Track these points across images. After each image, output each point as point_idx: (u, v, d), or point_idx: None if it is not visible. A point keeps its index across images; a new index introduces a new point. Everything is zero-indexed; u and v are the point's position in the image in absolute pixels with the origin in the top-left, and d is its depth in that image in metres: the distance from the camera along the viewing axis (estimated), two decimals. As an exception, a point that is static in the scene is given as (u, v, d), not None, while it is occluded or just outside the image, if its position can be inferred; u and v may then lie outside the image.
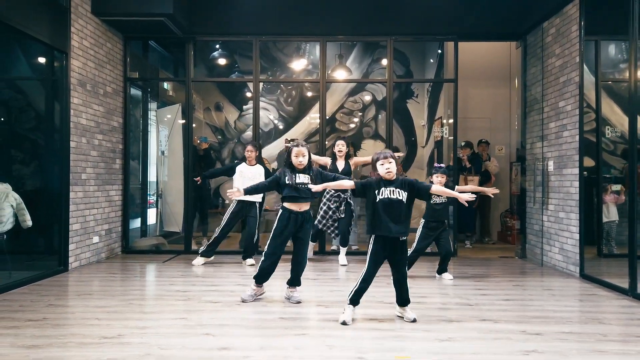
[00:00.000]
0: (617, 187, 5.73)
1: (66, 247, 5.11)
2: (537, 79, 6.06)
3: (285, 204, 3.83)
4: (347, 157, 5.66)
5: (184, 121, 6.75)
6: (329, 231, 5.64)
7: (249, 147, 5.65)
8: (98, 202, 5.74)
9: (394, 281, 3.42)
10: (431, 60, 8.87)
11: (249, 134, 8.62)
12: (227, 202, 8.91)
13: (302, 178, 3.79)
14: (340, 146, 5.59)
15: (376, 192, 3.30)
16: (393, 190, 3.28)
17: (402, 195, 3.29)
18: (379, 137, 8.84)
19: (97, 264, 5.56)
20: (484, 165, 7.50)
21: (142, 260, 5.88)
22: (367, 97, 9.08)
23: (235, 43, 8.56)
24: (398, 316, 3.47)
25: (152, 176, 7.33)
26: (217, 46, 8.64)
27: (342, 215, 5.52)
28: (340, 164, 5.58)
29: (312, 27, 6.43)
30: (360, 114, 9.08)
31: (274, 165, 8.27)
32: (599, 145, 5.59)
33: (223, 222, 5.54)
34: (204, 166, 7.04)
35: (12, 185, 4.58)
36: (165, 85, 7.93)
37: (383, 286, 4.51)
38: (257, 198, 5.60)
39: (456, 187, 4.77)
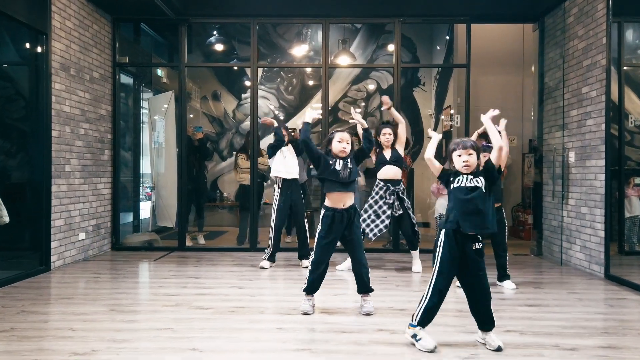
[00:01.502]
0: None
1: (48, 245, 4.72)
2: (556, 64, 5.62)
3: (327, 202, 3.39)
4: (393, 144, 4.90)
5: (171, 106, 6.33)
6: (367, 229, 4.66)
7: (283, 132, 5.12)
8: (84, 196, 5.34)
9: (467, 298, 2.78)
10: (438, 47, 8.42)
11: (247, 123, 8.20)
12: (225, 194, 8.53)
13: (338, 165, 3.37)
14: (387, 135, 4.83)
15: (453, 176, 2.75)
16: (471, 179, 2.71)
17: (481, 182, 2.71)
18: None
19: (83, 263, 5.17)
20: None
21: (132, 258, 5.49)
22: (372, 86, 8.65)
23: (234, 28, 8.12)
24: (480, 342, 2.83)
25: (144, 168, 6.93)
26: (215, 32, 8.20)
27: (400, 212, 4.72)
28: (387, 153, 4.82)
29: (314, 8, 5.98)
30: (364, 103, 8.66)
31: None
32: (622, 136, 5.19)
33: (276, 217, 4.93)
34: (200, 157, 6.64)
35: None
36: (159, 72, 7.50)
37: (392, 289, 4.14)
38: (295, 174, 5.02)
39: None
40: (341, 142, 3.39)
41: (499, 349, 2.71)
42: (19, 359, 2.54)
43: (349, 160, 3.42)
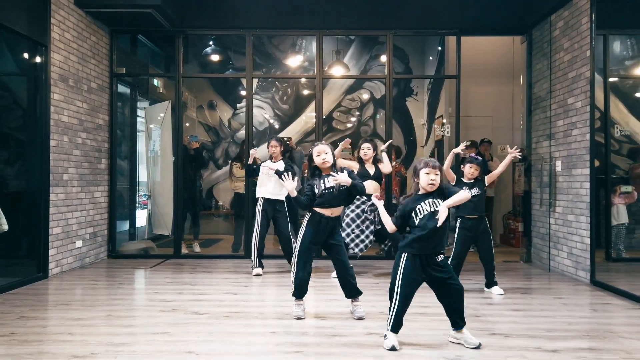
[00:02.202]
0: (627, 188, 5.48)
1: (46, 252, 4.80)
2: (543, 75, 5.79)
3: (316, 208, 3.49)
4: (376, 160, 5.02)
5: (167, 116, 6.44)
6: (352, 244, 4.86)
7: (273, 142, 5.19)
8: (82, 204, 5.43)
9: (441, 302, 2.98)
10: (430, 58, 8.60)
11: (243, 132, 8.32)
12: (220, 202, 8.62)
13: (330, 182, 3.45)
14: (366, 149, 4.96)
15: (413, 214, 2.90)
16: (432, 202, 2.89)
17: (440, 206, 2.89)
18: (377, 137, 8.55)
19: (80, 270, 5.25)
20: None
21: (128, 265, 5.57)
22: (365, 96, 8.80)
23: (230, 39, 8.26)
24: (453, 342, 2.98)
25: (141, 176, 7.03)
26: (211, 42, 8.34)
27: (380, 226, 4.85)
28: (371, 169, 4.95)
29: (308, 20, 6.13)
30: (358, 112, 8.81)
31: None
32: (608, 145, 5.33)
33: (255, 228, 5.13)
34: (195, 166, 6.75)
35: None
36: (156, 82, 7.63)
37: (383, 294, 4.23)
38: (281, 196, 5.14)
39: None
40: (319, 155, 3.47)
41: (479, 346, 2.86)
42: (20, 362, 2.63)
43: (337, 172, 3.45)
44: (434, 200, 2.90)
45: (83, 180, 5.45)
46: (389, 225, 2.97)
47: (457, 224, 4.37)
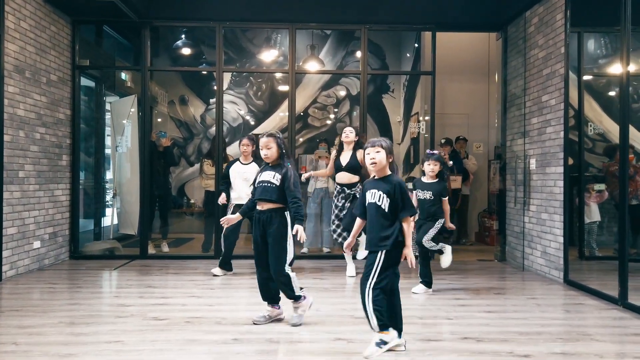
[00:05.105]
0: (600, 186, 5.45)
1: (-1, 254, 4.53)
2: (518, 72, 5.72)
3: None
4: (357, 147, 4.74)
5: (134, 110, 6.19)
6: (334, 235, 4.82)
7: (245, 141, 4.90)
8: (40, 202, 5.15)
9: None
10: (407, 55, 8.50)
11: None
12: (192, 201, 8.38)
13: (265, 176, 3.29)
14: (348, 132, 4.76)
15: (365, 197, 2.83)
16: (374, 194, 2.76)
17: (384, 202, 2.72)
18: (353, 133, 8.42)
19: (38, 272, 4.98)
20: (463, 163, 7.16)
21: (91, 267, 5.32)
22: (342, 92, 8.66)
23: (202, 32, 8.01)
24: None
25: (108, 173, 6.76)
26: (182, 35, 8.09)
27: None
28: (345, 157, 4.77)
29: (280, 13, 5.94)
30: (335, 109, 8.66)
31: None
32: (581, 143, 5.30)
33: (224, 232, 4.84)
34: (164, 164, 6.50)
35: None
36: (123, 75, 7.34)
37: (352, 297, 4.10)
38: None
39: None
40: (262, 150, 3.34)
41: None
42: (-48, 377, 2.40)
43: (280, 172, 3.25)
44: (379, 192, 2.74)
45: (42, 177, 5.17)
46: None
47: None
